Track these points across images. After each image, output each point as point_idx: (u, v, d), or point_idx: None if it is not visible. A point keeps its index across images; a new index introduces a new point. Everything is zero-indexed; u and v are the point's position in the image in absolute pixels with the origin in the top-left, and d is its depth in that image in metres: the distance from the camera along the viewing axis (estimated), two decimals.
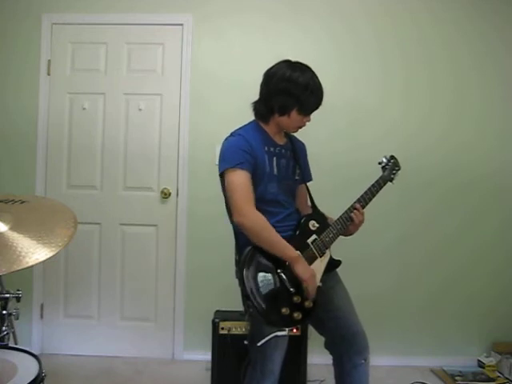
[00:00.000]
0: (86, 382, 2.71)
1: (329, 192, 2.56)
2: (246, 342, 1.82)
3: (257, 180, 1.78)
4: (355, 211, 1.85)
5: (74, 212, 1.53)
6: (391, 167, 2.00)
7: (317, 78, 1.81)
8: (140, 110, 3.07)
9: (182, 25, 3.05)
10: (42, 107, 3.07)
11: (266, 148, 1.82)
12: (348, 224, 1.85)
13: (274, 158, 1.84)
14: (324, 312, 1.81)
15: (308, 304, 1.71)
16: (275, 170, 1.83)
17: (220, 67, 3.04)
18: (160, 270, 3.08)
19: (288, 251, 1.71)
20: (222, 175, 1.79)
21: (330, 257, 1.85)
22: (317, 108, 1.83)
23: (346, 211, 1.86)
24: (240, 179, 1.73)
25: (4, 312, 1.50)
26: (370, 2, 3.06)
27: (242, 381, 1.88)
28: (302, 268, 1.70)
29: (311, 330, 2.19)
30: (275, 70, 1.81)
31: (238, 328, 2.44)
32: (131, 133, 3.08)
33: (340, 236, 1.86)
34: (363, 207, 1.88)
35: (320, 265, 1.80)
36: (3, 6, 3.08)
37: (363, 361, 1.82)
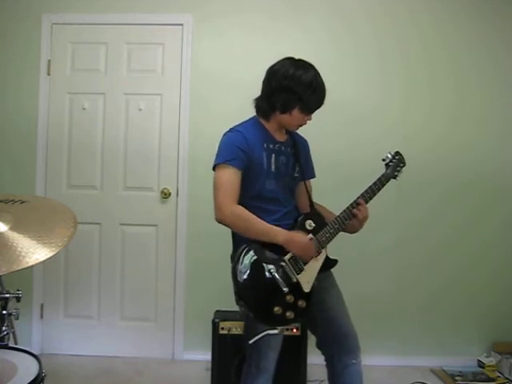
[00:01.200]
0: (85, 381, 2.71)
1: (329, 190, 2.56)
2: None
3: (254, 177, 1.78)
4: (358, 206, 1.81)
5: (74, 212, 1.53)
6: (396, 164, 1.95)
7: (320, 76, 1.79)
8: (140, 110, 3.07)
9: (181, 25, 3.05)
10: (41, 107, 3.07)
11: (265, 145, 1.82)
12: (347, 223, 1.82)
13: (273, 155, 1.83)
14: (317, 312, 1.81)
15: (301, 304, 1.71)
16: (273, 167, 1.82)
17: (220, 67, 3.04)
18: (160, 269, 3.08)
19: (276, 236, 1.70)
20: (214, 170, 1.80)
21: (326, 256, 1.84)
22: (319, 107, 1.82)
23: (344, 210, 1.83)
24: (226, 176, 1.73)
25: (4, 312, 1.50)
26: (369, 2, 3.06)
27: (235, 378, 1.87)
28: (295, 246, 1.71)
29: None
30: (278, 67, 1.79)
31: (238, 328, 2.43)
32: (131, 133, 3.08)
33: (345, 233, 1.85)
34: None
35: (315, 264, 1.78)
36: (3, 6, 3.08)
37: (354, 361, 1.82)
